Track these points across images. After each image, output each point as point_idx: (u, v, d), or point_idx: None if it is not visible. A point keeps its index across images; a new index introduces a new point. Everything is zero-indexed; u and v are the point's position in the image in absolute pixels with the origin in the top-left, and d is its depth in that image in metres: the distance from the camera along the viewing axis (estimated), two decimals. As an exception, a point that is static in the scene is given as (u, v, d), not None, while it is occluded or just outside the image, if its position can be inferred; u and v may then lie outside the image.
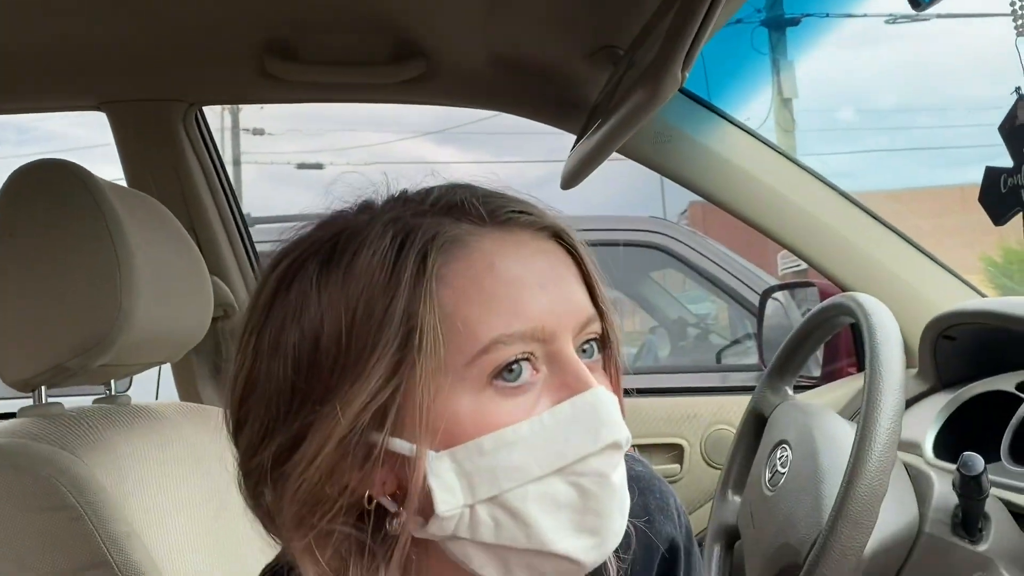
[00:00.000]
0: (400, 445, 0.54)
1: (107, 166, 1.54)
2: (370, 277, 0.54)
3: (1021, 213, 0.60)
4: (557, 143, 1.47)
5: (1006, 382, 1.18)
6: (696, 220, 11.96)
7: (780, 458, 1.06)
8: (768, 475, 1.07)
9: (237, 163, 13.75)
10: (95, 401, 1.04)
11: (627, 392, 0.65)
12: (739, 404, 1.27)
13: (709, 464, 1.64)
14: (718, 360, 3.23)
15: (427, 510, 0.55)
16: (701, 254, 3.00)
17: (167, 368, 1.84)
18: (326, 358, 0.55)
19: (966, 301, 1.37)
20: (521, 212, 0.60)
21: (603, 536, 0.57)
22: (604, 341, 0.62)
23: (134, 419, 0.99)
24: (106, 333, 0.87)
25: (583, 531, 0.56)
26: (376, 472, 0.55)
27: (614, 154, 1.37)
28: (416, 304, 0.54)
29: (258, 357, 0.57)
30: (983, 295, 1.44)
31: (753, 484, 1.11)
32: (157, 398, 2.37)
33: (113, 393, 1.06)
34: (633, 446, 1.97)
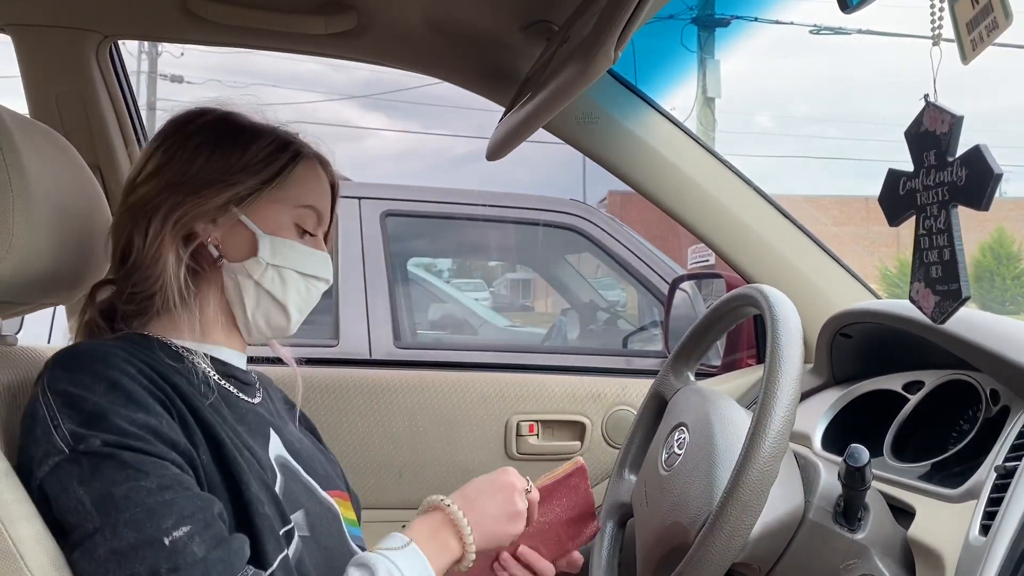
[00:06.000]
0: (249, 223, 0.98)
1: (8, 97, 1.46)
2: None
3: (914, 216, 0.63)
4: (486, 120, 1.47)
5: (894, 382, 1.24)
6: (614, 208, 12.13)
7: (678, 440, 1.08)
8: (665, 456, 1.09)
9: (152, 108, 13.25)
10: (-20, 339, 0.99)
11: (534, 369, 0.68)
12: (642, 386, 1.29)
13: (609, 443, 1.67)
14: (624, 345, 3.28)
15: (244, 255, 0.98)
16: (617, 240, 3.03)
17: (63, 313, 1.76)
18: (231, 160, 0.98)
19: (864, 301, 1.42)
20: None
21: (295, 321, 1.02)
22: None
23: (18, 361, 0.95)
24: (-5, 268, 0.82)
25: (299, 311, 1.01)
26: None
27: (541, 137, 1.37)
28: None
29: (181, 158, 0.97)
30: (880, 298, 1.50)
31: (650, 464, 1.13)
32: (49, 342, 2.26)
33: (2, 333, 1.01)
34: (536, 421, 1.96)
